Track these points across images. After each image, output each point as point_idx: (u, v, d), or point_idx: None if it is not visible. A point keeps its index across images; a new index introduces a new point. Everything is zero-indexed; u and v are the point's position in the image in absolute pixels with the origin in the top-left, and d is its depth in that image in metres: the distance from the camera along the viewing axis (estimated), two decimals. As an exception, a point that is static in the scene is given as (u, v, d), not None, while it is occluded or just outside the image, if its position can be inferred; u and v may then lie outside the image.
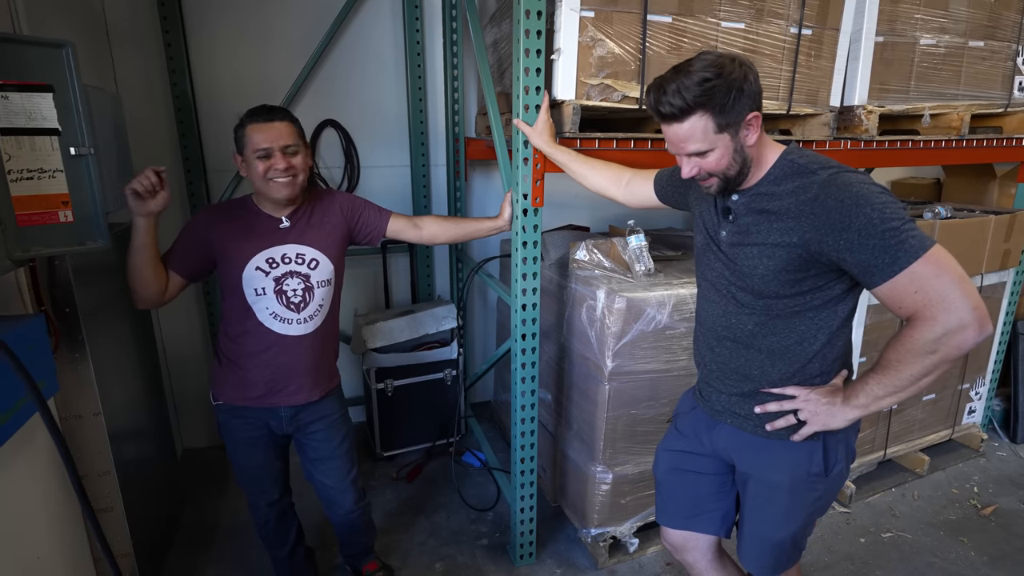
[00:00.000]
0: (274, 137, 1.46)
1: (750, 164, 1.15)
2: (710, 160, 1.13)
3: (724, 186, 1.17)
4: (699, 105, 1.06)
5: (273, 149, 1.46)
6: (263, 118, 1.47)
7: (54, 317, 1.54)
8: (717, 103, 1.05)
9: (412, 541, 2.22)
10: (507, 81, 2.10)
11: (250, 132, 1.46)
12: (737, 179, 1.16)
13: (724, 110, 1.06)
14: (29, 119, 1.25)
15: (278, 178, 1.47)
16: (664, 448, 1.50)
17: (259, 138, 1.45)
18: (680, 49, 1.79)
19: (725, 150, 1.11)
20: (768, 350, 1.20)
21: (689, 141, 1.11)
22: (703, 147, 1.11)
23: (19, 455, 1.35)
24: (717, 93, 1.04)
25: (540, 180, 1.74)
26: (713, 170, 1.14)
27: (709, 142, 1.10)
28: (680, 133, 1.11)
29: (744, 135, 1.10)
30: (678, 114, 1.08)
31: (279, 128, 1.47)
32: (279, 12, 2.51)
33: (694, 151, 1.12)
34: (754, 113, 1.09)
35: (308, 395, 1.60)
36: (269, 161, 1.46)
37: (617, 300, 1.84)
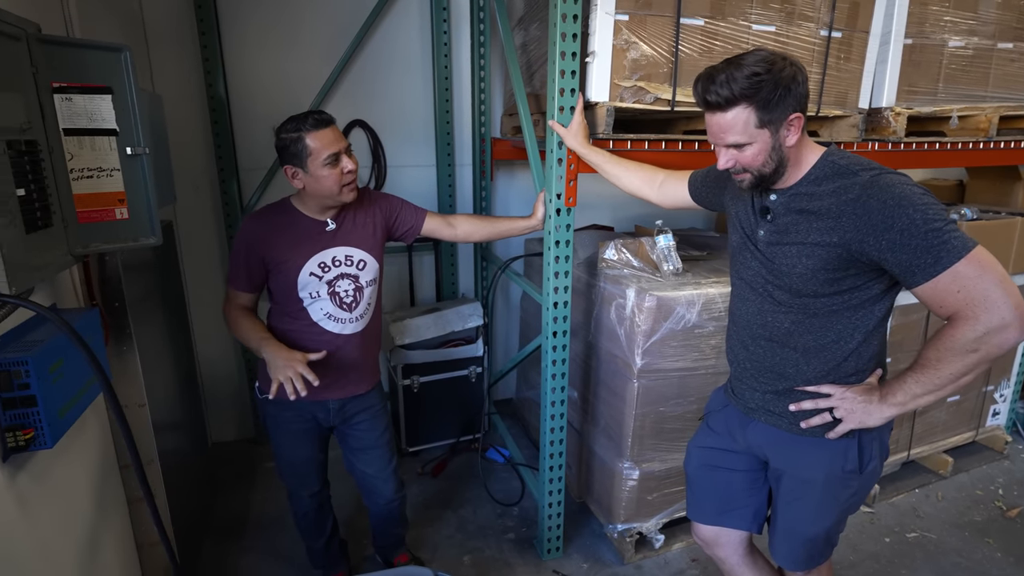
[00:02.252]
0: (336, 140, 1.46)
1: (786, 165, 1.17)
2: (747, 154, 1.15)
3: (757, 182, 1.19)
4: (744, 97, 1.08)
5: (340, 153, 1.46)
6: (320, 124, 1.45)
7: (104, 311, 1.59)
8: (762, 97, 1.07)
9: (440, 534, 2.26)
10: (537, 83, 2.14)
11: (311, 141, 1.44)
12: (771, 177, 1.18)
13: (768, 106, 1.08)
14: (90, 120, 1.30)
15: (347, 181, 1.48)
16: (695, 445, 1.52)
17: (324, 144, 1.44)
18: (712, 52, 1.81)
19: (763, 146, 1.13)
20: (804, 348, 1.22)
21: (729, 132, 1.13)
22: (742, 140, 1.13)
23: (75, 442, 1.40)
24: (764, 88, 1.07)
25: (573, 180, 1.77)
26: (748, 165, 1.16)
27: (749, 135, 1.12)
28: (722, 123, 1.13)
29: (784, 135, 1.13)
30: (723, 103, 1.10)
31: (335, 131, 1.48)
32: (310, 15, 2.56)
33: (733, 143, 1.14)
34: (797, 114, 1.11)
35: (356, 388, 1.64)
36: (339, 165, 1.46)
37: (647, 299, 1.86)
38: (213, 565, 2.08)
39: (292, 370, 1.39)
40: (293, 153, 1.46)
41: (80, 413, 1.28)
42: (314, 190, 1.50)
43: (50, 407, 1.15)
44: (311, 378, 1.38)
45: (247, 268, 1.56)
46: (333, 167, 1.46)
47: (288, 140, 1.46)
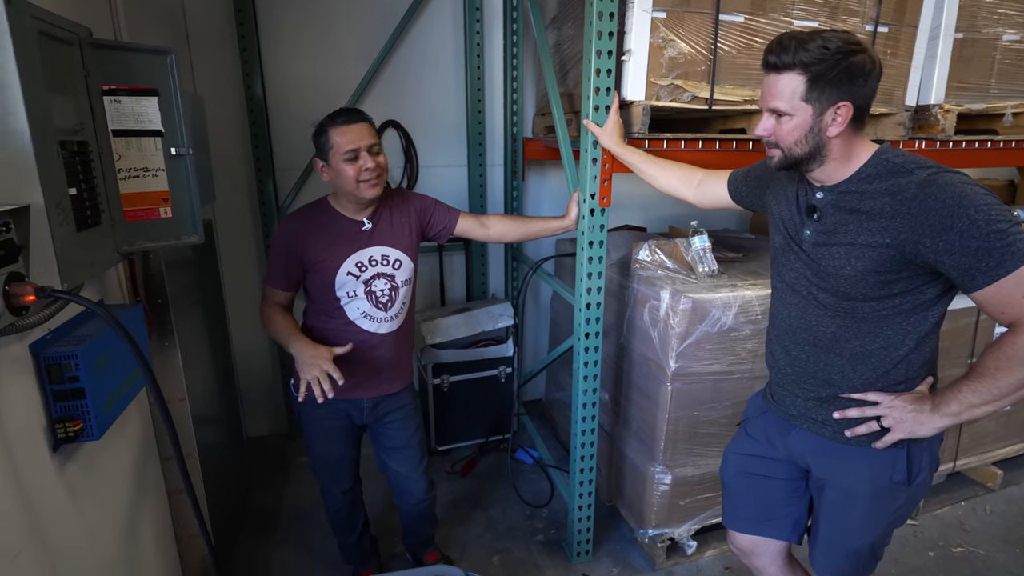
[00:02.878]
0: (359, 137, 1.48)
1: (823, 155, 1.12)
2: (783, 127, 1.11)
3: (785, 163, 1.15)
4: (800, 64, 1.05)
5: (360, 150, 1.48)
6: (346, 120, 1.49)
7: (148, 307, 1.64)
8: (817, 71, 1.04)
9: (469, 534, 2.26)
10: (570, 82, 2.12)
11: (334, 135, 1.48)
12: (801, 162, 1.14)
13: (819, 82, 1.05)
14: (137, 121, 1.34)
15: (366, 178, 1.50)
16: (733, 451, 1.49)
17: (345, 140, 1.47)
18: (751, 49, 1.77)
19: (801, 123, 1.09)
20: (851, 354, 1.18)
21: (775, 96, 1.10)
22: (783, 107, 1.09)
23: (119, 435, 1.44)
24: (824, 63, 1.03)
25: (608, 180, 1.75)
26: (782, 139, 1.13)
27: (791, 105, 1.09)
28: (772, 85, 1.10)
29: (827, 120, 1.08)
30: (779, 65, 1.08)
31: (362, 128, 1.50)
32: (346, 17, 2.59)
33: (774, 107, 1.11)
34: (846, 103, 1.06)
35: (389, 387, 1.66)
36: (358, 163, 1.48)
37: (682, 301, 1.83)
38: (247, 557, 2.13)
39: (319, 368, 1.39)
40: (319, 146, 1.53)
41: (125, 406, 1.32)
42: (337, 184, 1.55)
43: (97, 400, 1.18)
44: (337, 376, 1.39)
45: (286, 267, 1.58)
46: (352, 163, 1.49)
47: (318, 133, 1.53)
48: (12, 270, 0.95)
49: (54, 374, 1.14)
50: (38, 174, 1.03)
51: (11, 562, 1.01)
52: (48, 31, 1.11)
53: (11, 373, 1.06)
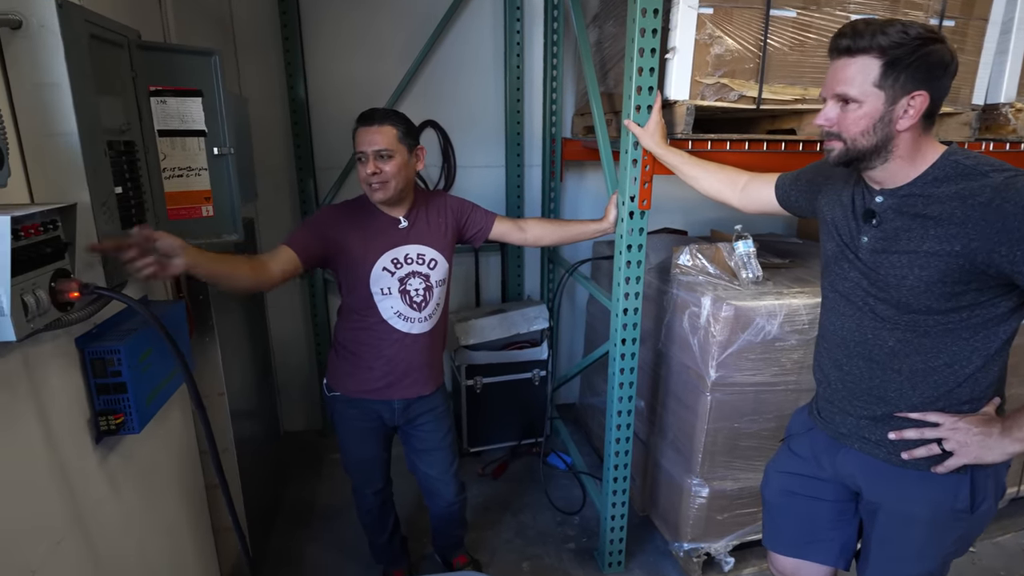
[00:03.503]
0: (368, 142, 1.48)
1: (888, 150, 1.05)
2: (850, 115, 1.04)
3: (845, 157, 1.08)
4: (877, 48, 0.98)
5: (367, 154, 1.49)
6: (362, 122, 1.51)
7: (190, 304, 1.67)
8: (895, 56, 0.98)
9: (499, 538, 2.23)
10: (611, 81, 2.07)
11: (355, 136, 1.52)
12: (864, 157, 1.06)
13: (895, 67, 0.98)
14: (182, 122, 1.37)
15: (369, 182, 1.51)
16: (776, 469, 1.41)
17: (357, 142, 1.51)
18: (804, 45, 1.68)
19: (871, 111, 1.02)
20: (910, 371, 1.10)
21: (843, 81, 1.03)
22: (853, 93, 1.02)
23: (159, 428, 1.48)
24: (902, 47, 0.97)
25: (648, 182, 1.70)
26: (847, 129, 1.05)
27: (862, 91, 1.02)
28: (842, 70, 1.04)
29: (899, 111, 1.01)
30: (853, 48, 1.01)
31: (374, 133, 1.48)
32: (387, 18, 2.60)
33: (841, 92, 1.04)
34: (922, 92, 0.99)
35: (422, 389, 1.65)
36: (363, 165, 1.51)
37: (724, 308, 1.76)
38: (280, 552, 2.16)
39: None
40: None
41: (164, 401, 1.34)
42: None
43: (139, 394, 1.21)
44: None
45: (306, 237, 1.54)
46: (362, 164, 1.51)
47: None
48: (59, 267, 0.97)
49: (98, 368, 1.17)
50: (85, 174, 1.05)
51: (54, 548, 1.04)
52: (99, 34, 1.14)
53: (58, 366, 1.09)
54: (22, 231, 0.87)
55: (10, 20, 0.95)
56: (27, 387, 1.00)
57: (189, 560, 1.63)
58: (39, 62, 0.99)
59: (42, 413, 1.04)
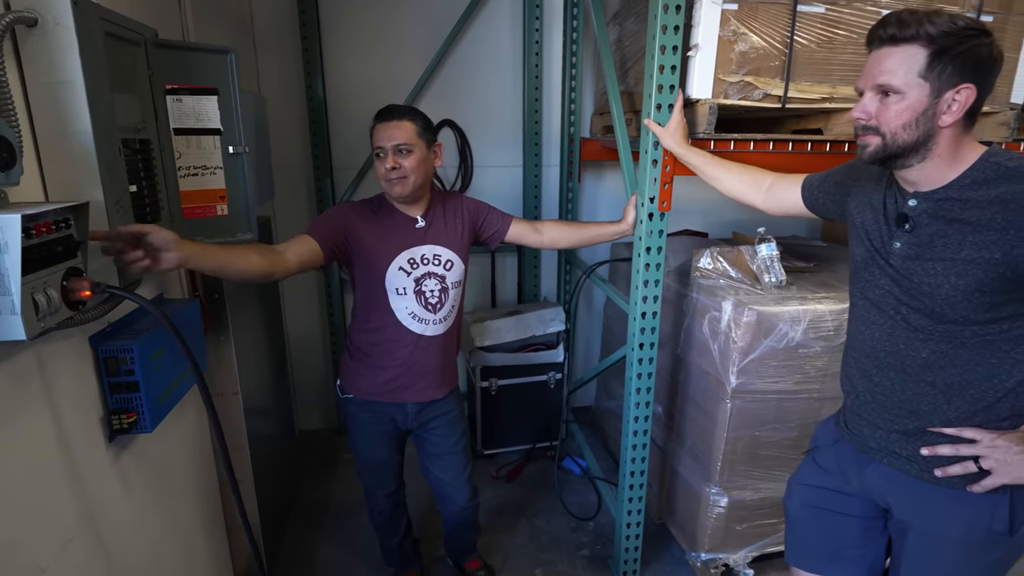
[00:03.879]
0: (387, 137, 1.47)
1: (928, 147, 0.99)
2: (890, 108, 0.99)
3: (882, 154, 1.02)
4: (925, 36, 0.94)
5: (386, 149, 1.48)
6: (380, 118, 1.51)
7: (205, 302, 1.67)
8: (943, 45, 0.93)
9: (513, 543, 2.21)
10: (631, 80, 2.03)
11: (373, 132, 1.51)
12: (902, 153, 1.01)
13: (943, 56, 0.93)
14: (197, 120, 1.36)
15: (388, 177, 1.50)
16: (799, 482, 1.36)
17: (375, 137, 1.50)
18: (832, 42, 1.62)
19: (914, 104, 0.97)
20: (945, 384, 1.04)
21: (886, 72, 0.98)
22: (896, 83, 0.97)
23: (173, 427, 1.48)
24: (950, 36, 0.92)
25: (669, 183, 1.66)
26: (887, 123, 1.00)
27: (905, 82, 0.97)
28: (883, 60, 0.99)
29: (943, 105, 0.96)
30: (897, 37, 0.96)
31: (393, 128, 1.48)
32: (405, 17, 2.59)
33: (883, 82, 0.99)
34: (969, 85, 0.94)
35: (435, 392, 1.63)
36: (381, 160, 1.50)
37: (746, 313, 1.71)
38: (293, 551, 2.16)
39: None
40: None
41: (177, 400, 1.34)
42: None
43: (151, 393, 1.20)
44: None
45: (333, 227, 1.52)
46: (380, 160, 1.50)
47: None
48: (71, 265, 0.96)
49: (111, 366, 1.17)
50: (99, 172, 1.05)
51: (65, 547, 1.04)
52: (114, 31, 1.13)
53: (72, 364, 1.09)
54: (33, 229, 0.86)
55: (26, 18, 0.95)
56: (40, 385, 1.00)
57: (202, 559, 1.63)
58: (54, 60, 0.99)
59: (55, 411, 1.03)
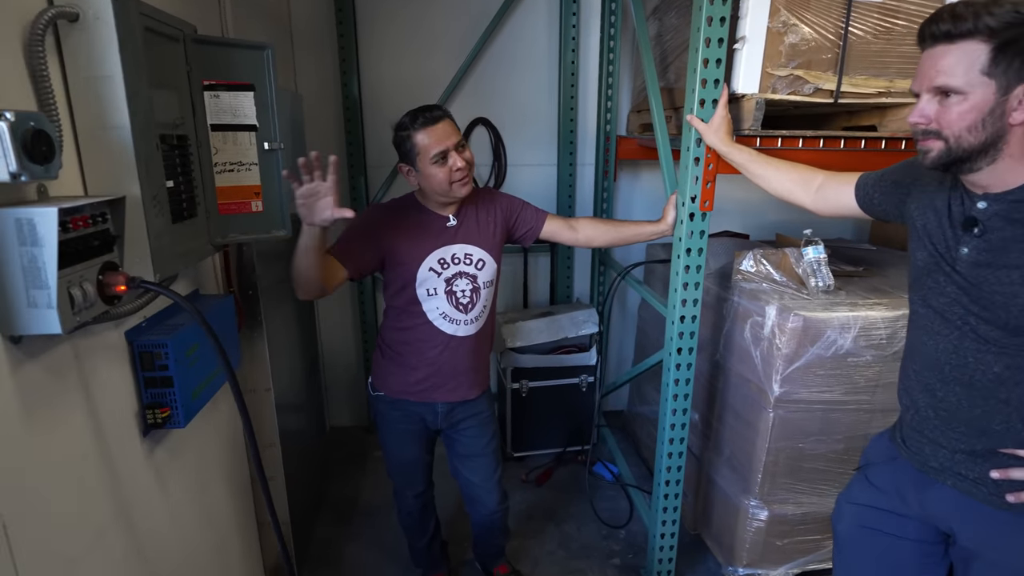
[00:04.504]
0: (445, 137, 1.42)
1: (998, 148, 0.91)
2: (952, 109, 0.91)
3: (947, 158, 0.94)
4: (987, 30, 0.86)
5: (449, 150, 1.42)
6: (427, 120, 1.42)
7: (239, 298, 1.68)
8: (1008, 37, 0.85)
9: (542, 549, 2.16)
10: (671, 76, 1.97)
11: (419, 139, 1.42)
12: (968, 157, 0.93)
13: (1008, 50, 0.85)
14: (234, 116, 1.36)
15: (457, 179, 1.44)
16: (849, 500, 1.28)
17: (432, 142, 1.41)
18: (890, 33, 1.53)
19: (978, 104, 0.89)
20: (1020, 402, 0.96)
21: (944, 72, 0.90)
22: (957, 84, 0.89)
23: (206, 422, 1.48)
24: (1015, 27, 0.84)
25: (711, 182, 1.59)
26: (949, 125, 0.91)
27: (967, 81, 0.88)
28: (940, 59, 0.91)
29: (1012, 102, 0.87)
30: (952, 34, 0.88)
31: (446, 127, 1.43)
32: (440, 16, 2.57)
33: (941, 84, 0.91)
34: None
35: (466, 393, 1.60)
36: (448, 163, 1.42)
37: (792, 319, 1.63)
38: (322, 549, 2.16)
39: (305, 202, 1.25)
40: (405, 151, 1.46)
41: (211, 396, 1.34)
42: (427, 187, 1.48)
43: (185, 388, 1.21)
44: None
45: (358, 245, 1.49)
46: (441, 165, 1.42)
47: (400, 139, 1.45)
48: (107, 260, 0.96)
49: (146, 361, 1.17)
50: (137, 167, 1.05)
51: (98, 539, 1.04)
52: (154, 27, 1.14)
53: (108, 359, 1.10)
54: (70, 223, 0.87)
55: (68, 13, 0.95)
56: (76, 378, 1.01)
57: (233, 553, 1.64)
58: (94, 55, 0.99)
59: (91, 404, 1.04)
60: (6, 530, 0.82)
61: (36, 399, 0.90)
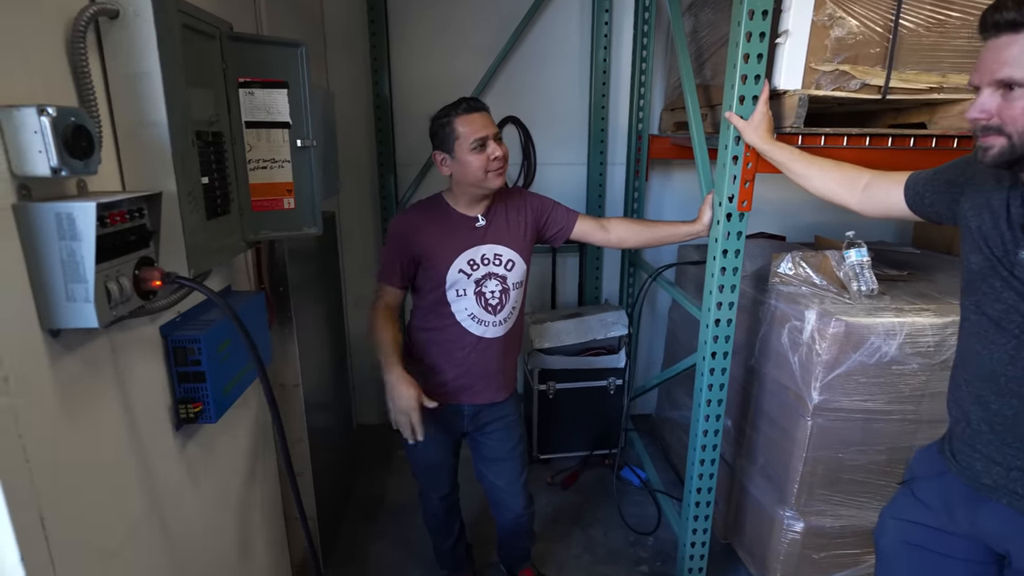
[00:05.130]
0: (485, 126, 1.43)
1: None
2: (1016, 104, 0.85)
3: (1009, 156, 0.88)
4: None
5: (488, 138, 1.43)
6: (469, 108, 1.44)
7: (271, 295, 1.69)
8: None
9: (567, 553, 2.13)
10: (707, 73, 1.92)
11: (460, 125, 1.43)
12: None
13: None
14: (268, 113, 1.36)
15: (493, 168, 1.44)
16: (894, 515, 1.22)
17: (472, 129, 1.42)
18: (944, 25, 1.46)
19: None
20: (1085, 415, 0.90)
21: (1007, 63, 0.85)
22: (1019, 76, 0.83)
23: (237, 417, 1.50)
24: None
25: (750, 181, 1.54)
26: (1011, 122, 0.86)
27: None
28: (1004, 50, 0.85)
29: None
30: (1018, 22, 0.83)
31: (486, 117, 1.45)
32: (469, 14, 2.56)
33: (1004, 78, 0.85)
34: None
35: (493, 395, 1.58)
36: (486, 152, 1.43)
37: (833, 324, 1.57)
38: (348, 546, 2.16)
39: (405, 417, 1.41)
40: (442, 138, 1.46)
41: (242, 392, 1.35)
42: (461, 176, 1.48)
43: (217, 384, 1.21)
44: (419, 431, 1.42)
45: (400, 261, 1.53)
46: (479, 152, 1.43)
47: (438, 125, 1.46)
48: (143, 255, 0.97)
49: (179, 356, 1.18)
50: (173, 163, 1.06)
51: (132, 533, 1.05)
52: (191, 24, 1.14)
53: (143, 353, 1.10)
54: (108, 218, 0.87)
55: (108, 10, 0.96)
56: (112, 372, 1.01)
57: (261, 548, 1.65)
58: (133, 52, 1.00)
59: (126, 399, 1.05)
60: (43, 522, 0.83)
61: (74, 393, 0.91)
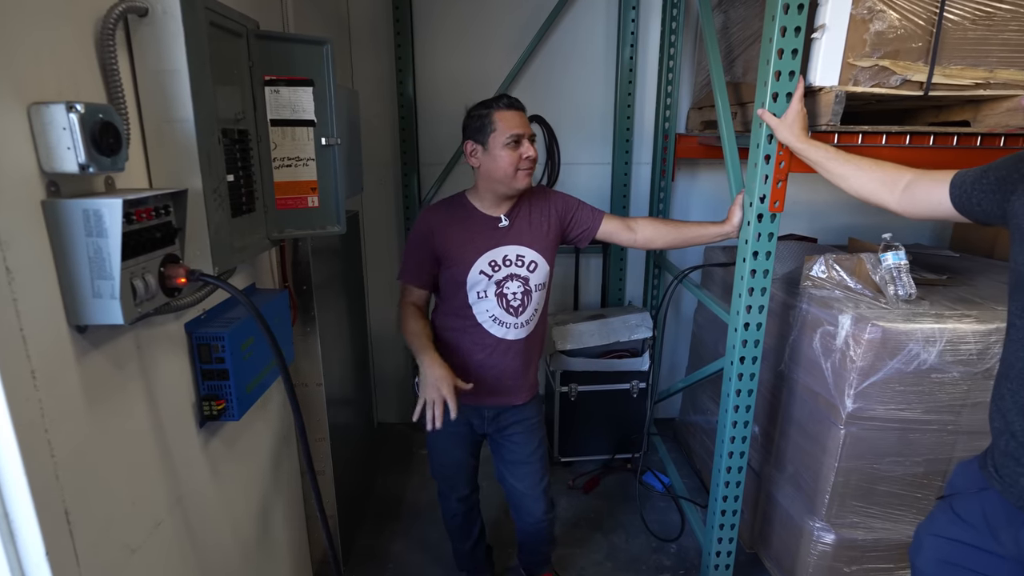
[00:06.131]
0: (522, 124, 1.42)
1: None
2: None
3: None
4: None
5: (524, 136, 1.42)
6: (511, 105, 1.43)
7: (294, 293, 1.70)
8: None
9: (588, 559, 2.10)
10: (738, 70, 1.87)
11: (499, 118, 1.41)
12: None
13: None
14: (293, 111, 1.36)
15: (524, 167, 1.43)
16: (931, 532, 1.16)
17: (509, 124, 1.41)
18: (992, 17, 1.40)
19: None
20: None
21: None
22: None
23: (259, 415, 1.50)
24: None
25: (782, 181, 1.49)
26: None
27: None
28: None
29: None
30: None
31: (523, 116, 1.44)
32: (496, 14, 2.54)
33: None
34: None
35: (514, 398, 1.56)
36: (519, 149, 1.42)
37: (869, 329, 1.51)
38: (367, 545, 2.16)
39: (437, 393, 1.37)
40: (478, 128, 1.44)
41: (264, 390, 1.35)
42: (488, 170, 1.46)
43: (240, 381, 1.21)
44: (452, 407, 1.37)
45: (420, 261, 1.53)
46: (513, 149, 1.41)
47: (476, 115, 1.45)
48: (168, 252, 0.97)
49: (203, 353, 1.18)
50: (199, 161, 1.06)
51: (155, 529, 1.05)
52: (218, 22, 1.15)
53: (167, 350, 1.11)
54: (134, 215, 0.87)
55: (137, 7, 0.96)
56: (137, 368, 1.02)
57: (281, 546, 1.65)
58: (161, 49, 1.00)
59: (151, 395, 1.05)
60: (68, 517, 0.83)
61: (100, 388, 0.91)
